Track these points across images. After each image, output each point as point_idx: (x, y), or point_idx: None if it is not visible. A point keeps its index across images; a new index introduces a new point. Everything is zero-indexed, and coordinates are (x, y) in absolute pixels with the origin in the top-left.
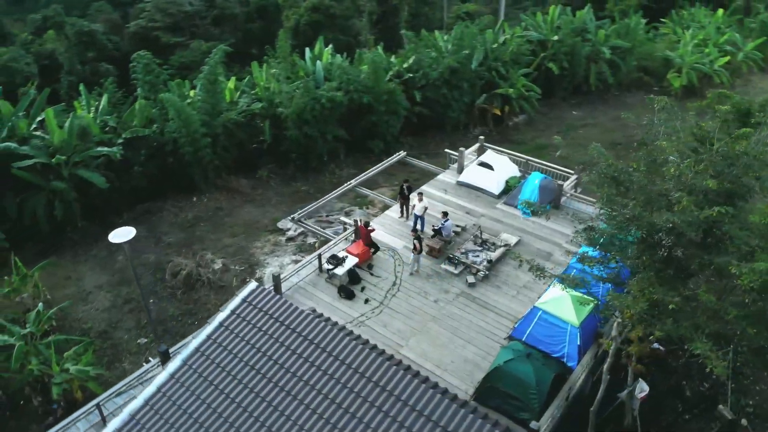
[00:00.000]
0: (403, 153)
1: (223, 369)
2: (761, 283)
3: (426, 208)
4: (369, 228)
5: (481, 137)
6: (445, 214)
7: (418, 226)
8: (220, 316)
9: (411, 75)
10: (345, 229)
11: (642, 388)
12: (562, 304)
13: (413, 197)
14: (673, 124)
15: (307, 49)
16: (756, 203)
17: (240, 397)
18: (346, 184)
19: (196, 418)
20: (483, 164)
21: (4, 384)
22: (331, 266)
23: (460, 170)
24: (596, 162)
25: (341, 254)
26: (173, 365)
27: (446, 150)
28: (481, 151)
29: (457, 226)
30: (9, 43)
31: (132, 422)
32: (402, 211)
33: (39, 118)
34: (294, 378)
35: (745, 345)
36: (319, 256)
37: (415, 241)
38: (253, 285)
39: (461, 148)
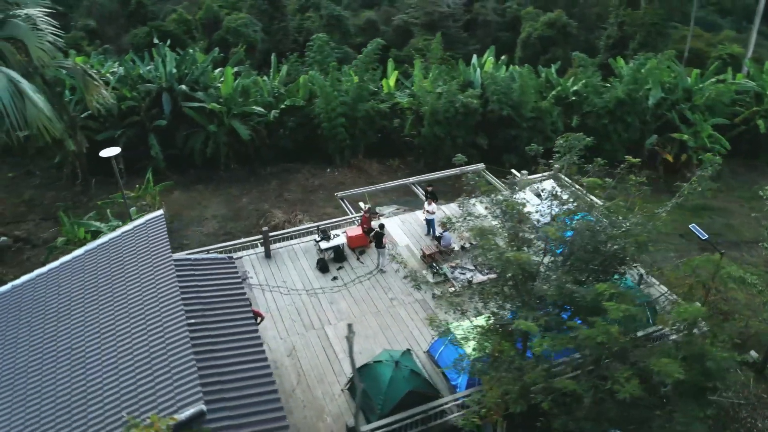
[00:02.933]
0: (481, 165)
1: (95, 274)
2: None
3: (434, 213)
4: (367, 225)
5: (556, 166)
6: (445, 224)
7: (431, 230)
8: (124, 228)
9: (574, 99)
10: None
11: None
12: (469, 331)
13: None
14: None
15: (475, 56)
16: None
17: (78, 303)
18: (402, 180)
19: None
20: (535, 193)
21: None
22: (318, 239)
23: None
24: None
25: (335, 232)
26: (74, 254)
27: (512, 170)
28: (554, 179)
29: (470, 243)
30: (280, 14)
31: (26, 283)
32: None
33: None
34: (133, 305)
35: None
36: (318, 228)
37: (372, 236)
38: (158, 212)
39: (523, 171)
